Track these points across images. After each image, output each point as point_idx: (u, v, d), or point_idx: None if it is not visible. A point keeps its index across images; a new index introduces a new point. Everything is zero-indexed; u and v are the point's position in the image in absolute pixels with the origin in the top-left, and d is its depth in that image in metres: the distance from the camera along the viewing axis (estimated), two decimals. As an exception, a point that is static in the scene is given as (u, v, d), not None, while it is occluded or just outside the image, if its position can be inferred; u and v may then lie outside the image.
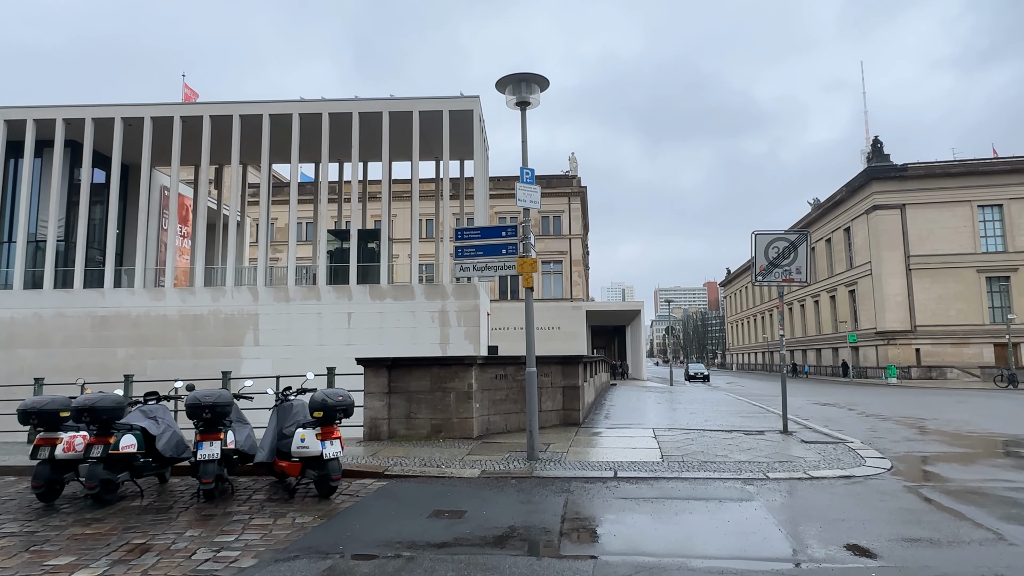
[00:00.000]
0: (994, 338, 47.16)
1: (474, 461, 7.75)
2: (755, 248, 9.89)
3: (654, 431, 10.27)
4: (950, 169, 49.49)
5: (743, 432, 10.06)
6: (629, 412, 14.18)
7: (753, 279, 10.05)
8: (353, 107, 27.79)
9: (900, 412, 16.18)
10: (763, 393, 26.04)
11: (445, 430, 9.17)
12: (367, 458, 8.01)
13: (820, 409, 17.14)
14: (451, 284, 26.99)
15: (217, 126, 27.52)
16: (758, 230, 9.94)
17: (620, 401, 17.90)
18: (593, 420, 11.98)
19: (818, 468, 7.18)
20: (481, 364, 9.49)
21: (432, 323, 26.64)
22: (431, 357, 9.44)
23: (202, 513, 5.89)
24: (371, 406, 9.20)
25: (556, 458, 7.90)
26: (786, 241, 9.92)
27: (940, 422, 13.35)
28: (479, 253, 8.10)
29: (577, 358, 11.38)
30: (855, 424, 12.65)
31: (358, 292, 26.87)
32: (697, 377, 49.63)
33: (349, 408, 6.51)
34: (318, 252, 27.84)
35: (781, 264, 9.81)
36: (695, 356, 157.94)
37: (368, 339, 26.47)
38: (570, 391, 10.96)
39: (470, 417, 9.15)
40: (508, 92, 8.25)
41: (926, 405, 19.03)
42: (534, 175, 8.02)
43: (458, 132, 28.54)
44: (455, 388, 9.13)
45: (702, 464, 7.44)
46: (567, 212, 51.45)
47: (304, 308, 26.94)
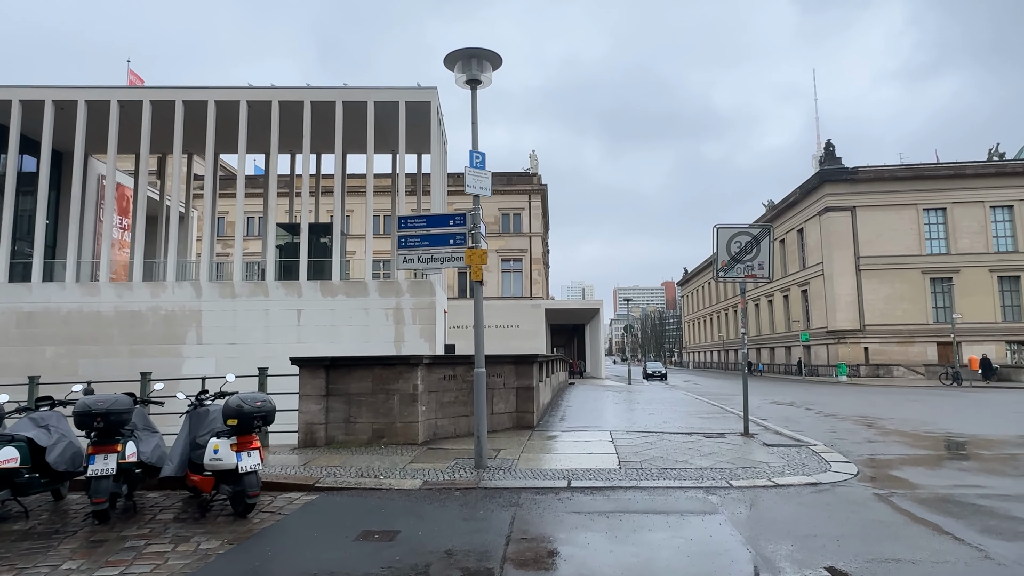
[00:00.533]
0: (937, 337, 48.76)
1: (416, 470, 7.08)
2: (717, 242, 9.47)
3: (611, 434, 9.80)
4: (898, 173, 50.98)
5: (703, 435, 9.69)
6: (586, 413, 13.71)
7: (715, 275, 9.63)
8: (305, 95, 26.65)
9: (857, 411, 16.15)
10: (720, 392, 26.00)
11: (388, 435, 8.45)
12: (298, 468, 7.25)
13: (778, 409, 17.00)
14: (406, 281, 26.14)
15: (159, 112, 26.03)
16: (720, 223, 9.55)
17: (577, 401, 17.40)
18: (548, 422, 11.48)
19: (783, 474, 6.77)
20: (428, 364, 8.82)
21: (386, 321, 25.75)
22: (373, 356, 8.69)
23: (91, 539, 5.07)
24: (307, 410, 8.42)
25: (506, 465, 7.30)
26: (748, 235, 9.53)
27: (897, 421, 13.28)
28: (424, 243, 7.42)
29: (532, 357, 10.71)
30: (815, 424, 12.46)
31: (308, 288, 25.77)
32: (655, 376, 49.86)
33: (269, 415, 5.75)
34: (267, 246, 26.59)
35: (743, 260, 9.42)
36: (652, 355, 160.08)
37: (319, 337, 25.43)
38: (524, 392, 10.36)
39: (415, 421, 8.45)
40: (457, 69, 7.59)
41: (880, 404, 19.14)
42: (485, 160, 7.39)
43: (415, 125, 27.67)
44: (399, 390, 8.43)
45: (661, 471, 6.94)
46: (527, 210, 50.99)
47: (251, 305, 25.69)
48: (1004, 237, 49.93)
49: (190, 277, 27.13)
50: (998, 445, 9.55)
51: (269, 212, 26.53)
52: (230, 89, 26.52)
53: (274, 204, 26.68)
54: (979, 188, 49.54)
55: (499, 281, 49.20)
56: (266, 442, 8.64)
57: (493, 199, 50.61)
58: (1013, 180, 49.63)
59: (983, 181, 49.24)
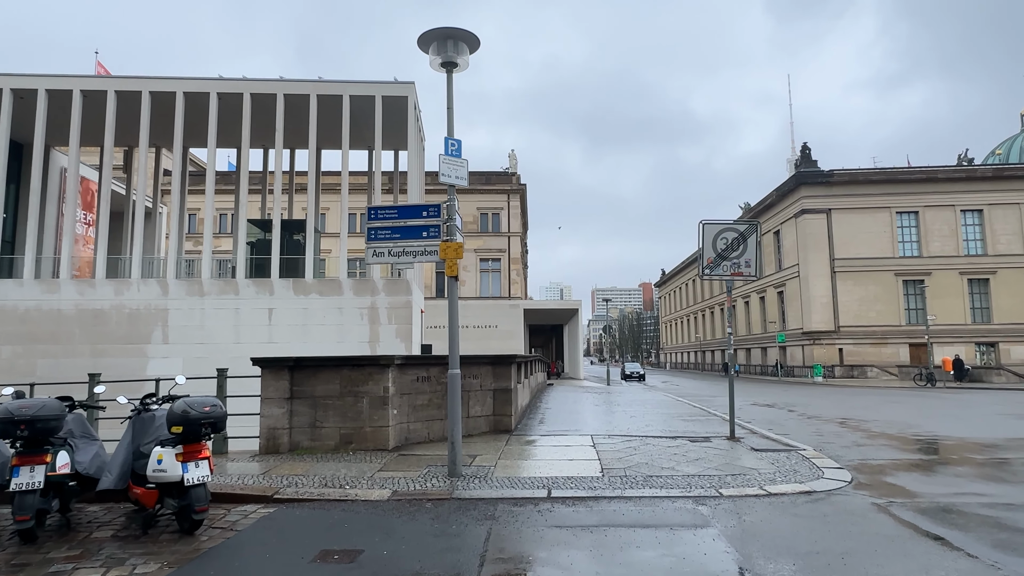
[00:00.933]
0: (909, 338, 49.45)
1: (385, 479, 6.57)
2: (702, 239, 9.11)
3: (593, 438, 9.36)
4: (872, 176, 51.62)
5: (688, 439, 9.34)
6: (566, 416, 13.30)
7: (700, 272, 9.27)
8: (278, 88, 25.89)
9: (839, 413, 15.98)
10: (700, 393, 25.79)
11: (356, 441, 7.93)
12: (257, 477, 6.69)
13: (761, 411, 16.77)
14: (381, 280, 25.53)
15: (125, 103, 25.09)
16: (706, 219, 9.17)
17: (557, 403, 16.98)
18: (527, 426, 11.00)
19: (775, 482, 6.41)
20: (400, 365, 8.30)
21: (361, 320, 25.12)
22: (341, 357, 8.13)
23: (12, 562, 4.48)
24: (269, 414, 7.85)
25: (482, 473, 6.83)
26: (735, 232, 9.19)
27: (882, 424, 13.08)
28: (396, 236, 6.91)
29: (510, 358, 10.22)
30: (799, 427, 12.21)
31: (280, 286, 25.02)
32: (633, 376, 49.78)
33: (219, 421, 5.21)
34: (237, 243, 25.76)
35: (730, 257, 9.08)
36: (630, 355, 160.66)
37: (290, 337, 24.71)
38: (501, 394, 9.87)
39: (386, 426, 7.94)
40: (432, 51, 7.10)
41: (861, 405, 19.03)
42: (461, 147, 6.92)
43: (392, 121, 27.08)
44: (368, 392, 7.91)
45: (647, 479, 6.53)
46: (506, 209, 50.60)
47: (220, 303, 24.87)
48: (974, 240, 50.83)
49: (157, 274, 26.19)
50: (988, 449, 9.35)
51: (240, 208, 25.72)
52: (199, 80, 25.65)
53: (245, 200, 25.87)
54: (950, 192, 50.37)
55: (477, 281, 48.70)
56: (225, 448, 8.06)
57: (472, 198, 50.08)
58: (983, 184, 50.56)
59: (954, 185, 50.08)
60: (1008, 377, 36.23)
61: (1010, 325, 48.35)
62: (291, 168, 31.83)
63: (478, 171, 52.15)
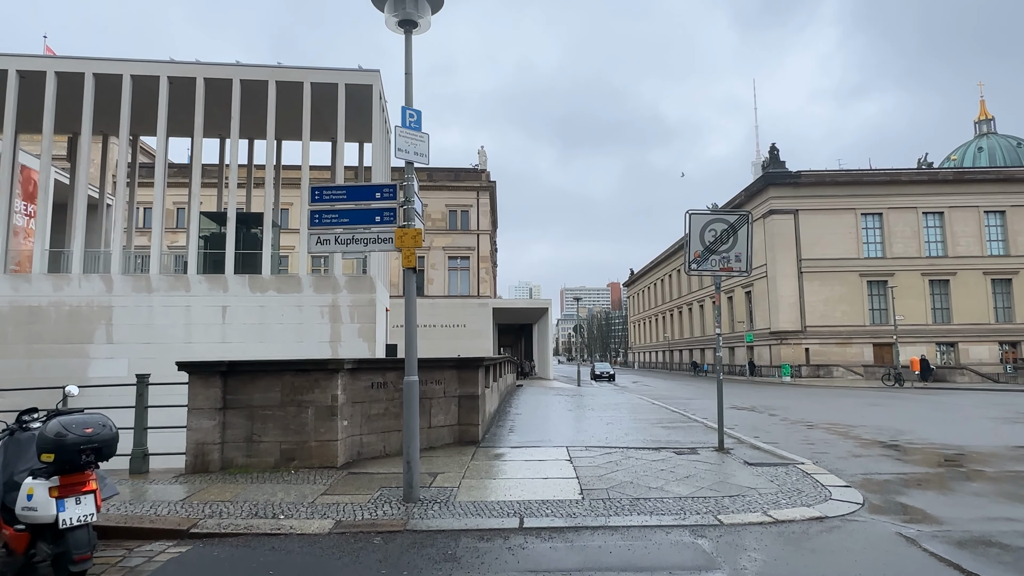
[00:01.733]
0: (873, 338, 50.08)
1: (329, 505, 5.56)
2: (689, 230, 8.27)
3: (569, 451, 8.46)
4: (838, 178, 52.14)
5: (674, 450, 8.51)
6: (538, 423, 12.34)
7: (687, 267, 8.46)
8: (234, 73, 24.46)
9: (823, 417, 15.38)
10: (675, 395, 25.13)
11: (300, 457, 6.90)
12: (175, 505, 5.61)
13: (741, 415, 16.08)
14: (344, 276, 24.33)
15: (68, 87, 23.43)
16: (693, 209, 8.35)
17: (527, 407, 16.03)
18: (496, 435, 9.99)
19: (779, 505, 5.59)
20: (352, 369, 7.29)
21: (322, 319, 23.88)
22: (283, 361, 7.05)
23: None
24: (198, 427, 6.75)
25: (444, 496, 5.88)
26: (725, 223, 8.39)
27: (871, 430, 12.48)
28: (344, 220, 5.91)
29: (477, 361, 9.29)
30: (786, 435, 11.49)
31: (235, 283, 23.62)
32: (603, 376, 49.26)
33: (107, 445, 4.14)
34: (189, 236, 24.25)
35: (719, 250, 8.29)
36: (599, 355, 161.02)
37: (246, 336, 23.35)
38: (468, 401, 8.86)
39: (334, 440, 6.91)
40: (388, 10, 6.12)
41: (842, 408, 18.54)
42: (421, 119, 5.96)
43: (356, 110, 25.85)
44: (315, 401, 6.88)
45: (634, 503, 5.66)
46: (475, 206, 49.62)
47: (170, 300, 23.37)
48: (935, 242, 51.75)
49: (100, 269, 24.50)
50: (994, 460, 8.71)
51: (192, 199, 24.23)
52: (149, 63, 24.06)
53: (198, 191, 24.39)
54: (912, 195, 51.19)
55: (446, 279, 47.63)
56: (146, 467, 6.94)
57: (440, 195, 48.88)
58: (944, 187, 51.49)
59: (916, 188, 50.89)
60: (971, 377, 36.74)
61: (969, 325, 49.34)
62: (249, 160, 30.31)
63: (447, 167, 51.03)
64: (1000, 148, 69.20)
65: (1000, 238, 51.64)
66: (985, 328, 49.40)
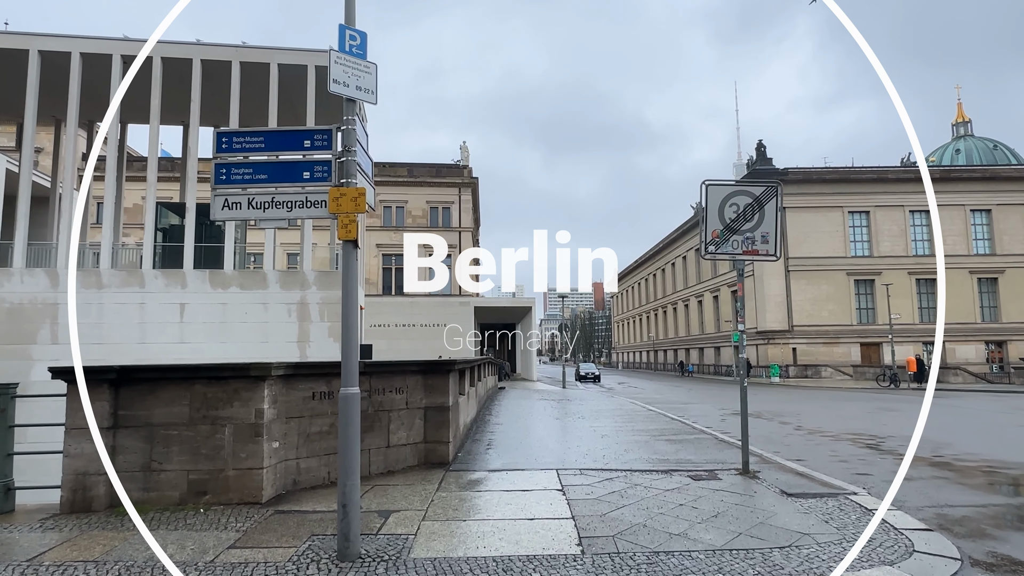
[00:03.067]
0: (861, 338, 49.45)
1: (232, 568, 4.06)
2: (706, 205, 6.82)
3: (560, 475, 6.86)
4: (825, 175, 51.44)
5: (688, 474, 6.97)
6: (521, 435, 10.64)
7: (702, 250, 7.01)
8: (194, 52, 22.76)
9: (839, 425, 13.96)
10: (669, 399, 23.62)
11: (214, 490, 5.30)
12: (13, 569, 4.07)
13: (736, 423, 14.44)
14: (313, 272, 22.74)
15: (15, 65, 21.59)
16: (711, 180, 6.95)
17: (509, 415, 14.41)
18: (471, 454, 8.33)
19: (855, 568, 4.08)
20: (285, 376, 5.76)
21: (289, 317, 22.27)
22: (192, 366, 5.45)
23: None
24: (78, 452, 5.18)
25: (395, 550, 4.35)
26: (749, 196, 6.80)
27: (902, 441, 10.98)
28: (262, 177, 4.42)
29: (447, 365, 7.57)
30: (808, 448, 10.06)
31: (195, 278, 21.92)
32: (588, 377, 47.97)
33: None
34: (145, 228, 22.49)
35: (741, 229, 6.91)
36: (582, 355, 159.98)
37: (206, 336, 21.68)
38: (436, 414, 7.24)
39: (258, 467, 5.38)
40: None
41: (853, 413, 17.16)
42: (366, 44, 4.53)
43: (327, 96, 24.21)
44: (234, 417, 5.35)
45: (652, 559, 4.16)
46: (457, 203, 48.13)
47: (122, 297, 21.61)
48: (921, 241, 51.28)
49: (46, 264, 22.63)
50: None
51: (149, 188, 22.48)
52: (100, 40, 22.23)
53: (154, 179, 22.65)
54: (899, 193, 50.65)
55: (426, 277, 46.03)
56: (10, 505, 5.39)
57: (422, 191, 47.23)
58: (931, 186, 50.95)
59: (903, 186, 50.35)
60: (964, 377, 36.00)
61: (955, 325, 48.88)
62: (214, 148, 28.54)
63: (428, 163, 49.44)
64: (977, 150, 69.23)
65: (986, 237, 51.30)
66: (971, 328, 48.97)
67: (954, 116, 76.11)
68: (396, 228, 46.65)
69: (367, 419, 6.37)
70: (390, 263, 46.36)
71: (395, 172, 48.09)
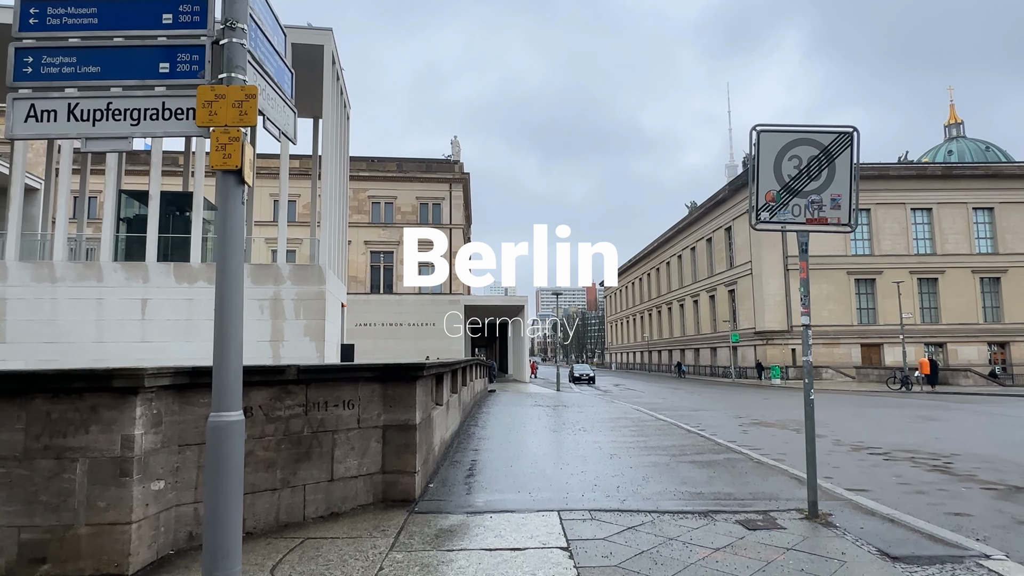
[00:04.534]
0: (862, 339, 48.13)
1: None
2: (757, 158, 4.98)
3: (563, 521, 5.11)
4: (826, 172, 50.02)
5: (736, 518, 5.21)
6: (512, 457, 8.62)
7: (751, 219, 5.27)
8: (158, 28, 20.89)
9: (880, 437, 12.14)
10: (673, 404, 21.62)
11: (56, 557, 3.60)
12: None
13: (772, 434, 12.69)
14: (288, 266, 21.02)
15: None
16: (763, 124, 5.18)
17: (499, 427, 12.39)
18: (446, 486, 6.43)
19: None
20: (178, 387, 4.12)
21: (261, 314, 20.55)
22: (30, 373, 3.70)
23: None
24: None
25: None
26: (815, 147, 5.18)
27: (972, 459, 9.28)
28: (92, 71, 2.78)
29: (413, 369, 5.67)
30: (863, 470, 8.31)
31: (158, 272, 20.18)
32: (583, 379, 46.35)
33: None
34: (104, 218, 20.70)
35: (804, 190, 5.13)
36: (574, 355, 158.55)
37: (170, 334, 19.94)
38: (399, 435, 5.46)
39: (124, 522, 3.63)
40: None
41: (889, 423, 15.13)
42: None
43: (307, 80, 22.50)
44: (91, 449, 3.62)
45: None
46: (448, 199, 46.44)
47: (78, 292, 19.86)
48: (923, 239, 50.04)
49: (1, 256, 20.76)
50: None
51: (108, 174, 20.68)
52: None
53: (115, 164, 20.84)
54: (901, 190, 49.36)
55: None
56: None
57: (411, 187, 45.44)
58: (932, 183, 49.76)
59: (904, 183, 49.05)
60: (975, 379, 34.64)
61: (957, 325, 47.68)
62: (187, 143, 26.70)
63: (418, 158, 47.79)
64: (969, 151, 68.12)
65: (988, 235, 50.11)
66: (974, 328, 47.72)
67: (946, 118, 75.06)
68: (385, 225, 44.95)
69: (302, 444, 4.70)
70: (379, 260, 44.63)
71: (384, 167, 46.37)
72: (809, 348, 5.21)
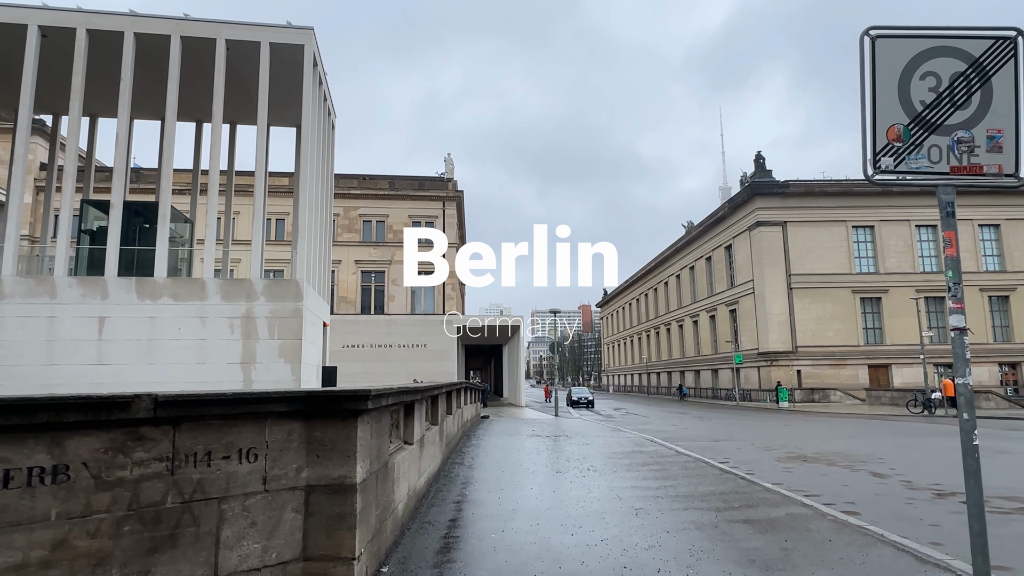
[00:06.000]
0: (868, 359, 46.49)
1: None
2: (874, 77, 3.19)
3: None
4: (828, 188, 48.90)
5: None
6: (504, 515, 6.58)
7: (866, 168, 3.60)
8: (126, 24, 19.51)
9: (958, 478, 10.22)
10: (686, 432, 19.21)
11: None
12: None
13: (816, 473, 10.64)
14: (261, 280, 19.25)
15: None
16: (877, 27, 3.37)
17: (490, 467, 10.08)
18: (407, 572, 4.49)
19: None
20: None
21: (231, 333, 18.76)
22: None
23: None
24: None
25: None
26: (961, 59, 3.47)
27: None
28: None
29: (352, 400, 3.67)
30: (960, 534, 5.98)
31: (118, 287, 18.38)
32: (581, 402, 44.35)
33: None
34: (59, 229, 18.92)
35: (946, 123, 3.40)
36: (571, 378, 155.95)
37: (130, 356, 18.10)
38: (328, 500, 3.55)
39: None
40: None
41: (948, 455, 12.75)
42: None
43: (285, 82, 21.02)
44: None
45: None
46: (441, 218, 44.89)
47: (26, 310, 18.03)
48: (928, 257, 48.72)
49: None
50: None
51: (66, 180, 18.95)
52: (9, 8, 18.85)
53: (73, 170, 19.15)
54: (905, 207, 48.19)
55: (408, 296, 42.58)
56: None
57: (403, 205, 43.88)
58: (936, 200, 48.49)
59: (909, 199, 47.83)
60: (997, 402, 32.87)
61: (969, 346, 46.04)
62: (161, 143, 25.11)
63: (411, 176, 46.37)
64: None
65: (996, 253, 48.82)
66: (984, 348, 46.10)
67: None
68: (376, 243, 43.31)
69: (162, 522, 2.89)
70: (370, 280, 42.87)
71: (376, 185, 44.89)
72: (967, 364, 3.47)
